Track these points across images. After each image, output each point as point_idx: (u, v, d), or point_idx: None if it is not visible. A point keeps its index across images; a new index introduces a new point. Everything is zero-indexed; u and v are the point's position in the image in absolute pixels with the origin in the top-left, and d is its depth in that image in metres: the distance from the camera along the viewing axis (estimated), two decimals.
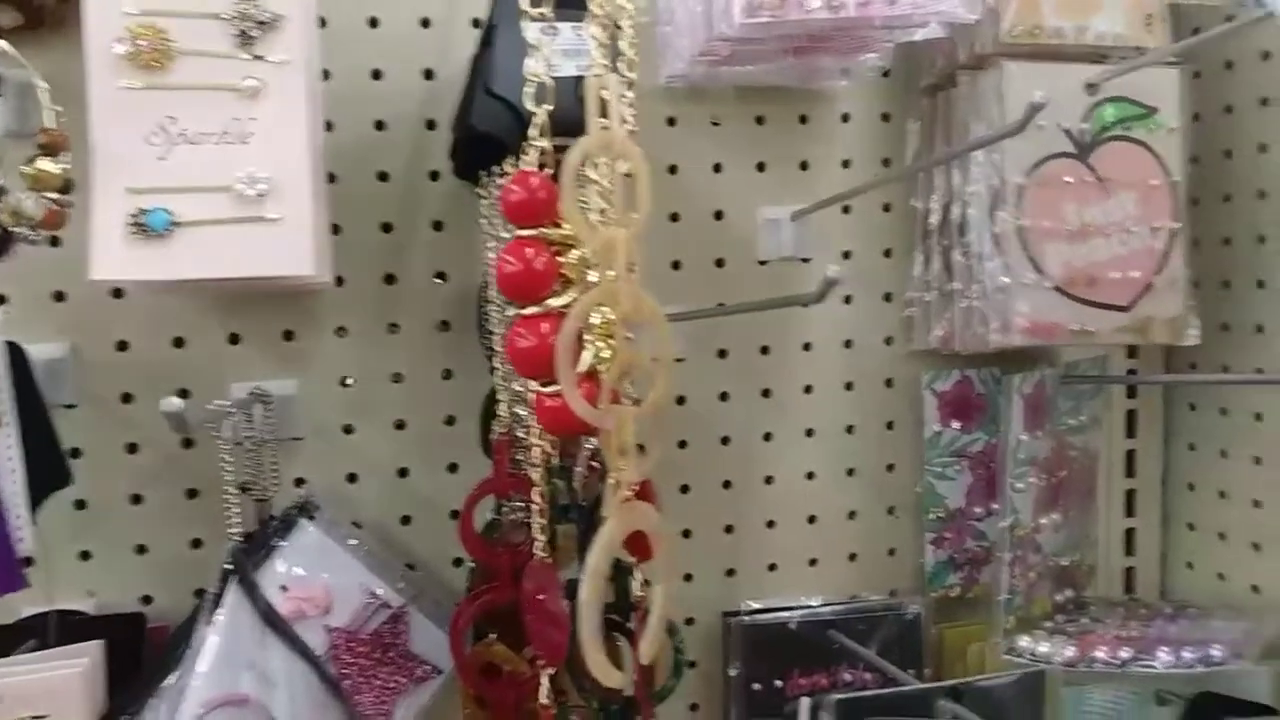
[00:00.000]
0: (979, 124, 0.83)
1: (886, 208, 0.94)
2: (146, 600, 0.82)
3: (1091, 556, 0.98)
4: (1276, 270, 0.87)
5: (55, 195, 0.61)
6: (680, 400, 0.91)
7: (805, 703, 0.81)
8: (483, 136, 0.66)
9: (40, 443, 0.67)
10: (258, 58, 0.62)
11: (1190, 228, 0.89)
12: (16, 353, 0.67)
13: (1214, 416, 0.95)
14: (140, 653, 0.77)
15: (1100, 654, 0.80)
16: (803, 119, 0.92)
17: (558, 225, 0.55)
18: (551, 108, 0.55)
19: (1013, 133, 0.61)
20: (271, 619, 0.67)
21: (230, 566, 0.66)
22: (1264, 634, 0.82)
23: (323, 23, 0.79)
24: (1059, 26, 0.81)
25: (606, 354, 0.56)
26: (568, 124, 0.57)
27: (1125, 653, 0.80)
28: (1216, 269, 0.93)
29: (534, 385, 0.56)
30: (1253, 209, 0.89)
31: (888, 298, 0.95)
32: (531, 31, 0.55)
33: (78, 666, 0.65)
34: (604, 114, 0.53)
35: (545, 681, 0.64)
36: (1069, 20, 0.82)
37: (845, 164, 0.93)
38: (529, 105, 0.55)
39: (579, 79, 0.58)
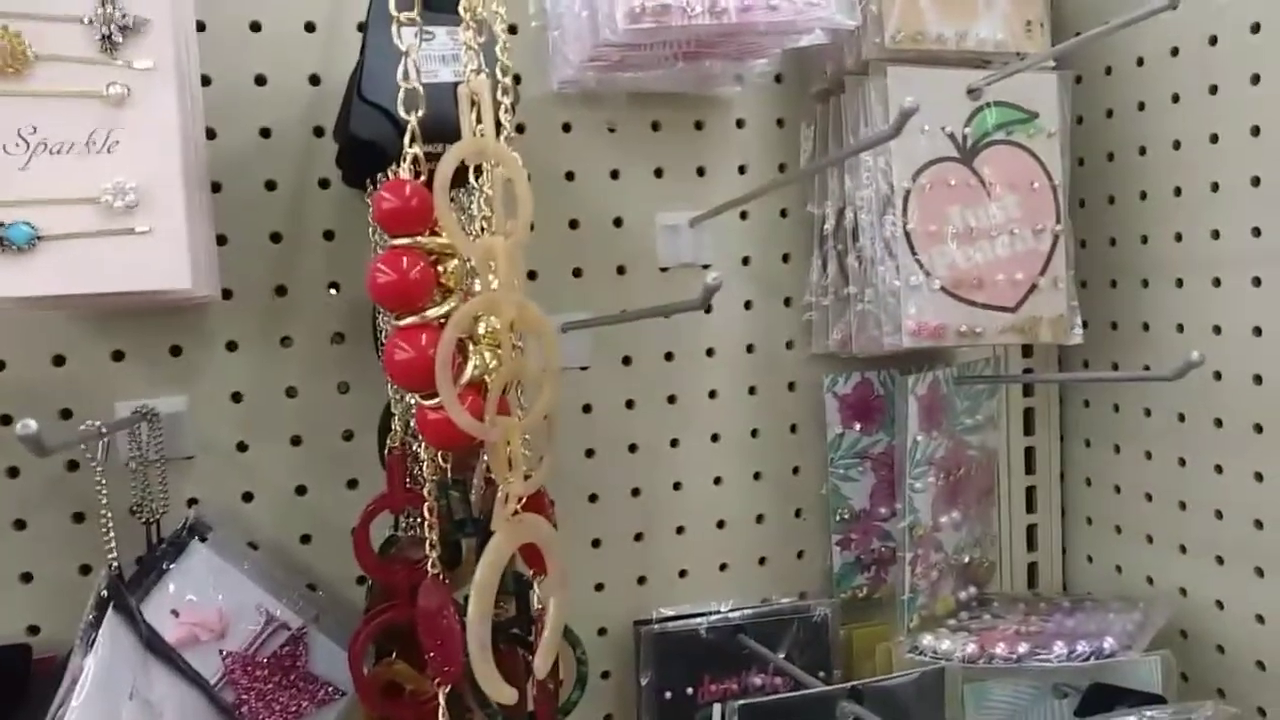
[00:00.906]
0: (866, 129, 0.84)
1: (783, 213, 0.95)
2: (33, 630, 0.78)
3: (993, 553, 0.99)
4: (1159, 269, 0.90)
5: None
6: (586, 408, 0.91)
7: (717, 709, 0.81)
8: (363, 144, 0.65)
9: None
10: (123, 63, 0.60)
11: (1077, 229, 0.92)
12: None
13: (1107, 412, 0.97)
14: (27, 685, 0.74)
15: (999, 650, 0.82)
16: (698, 125, 0.92)
17: (434, 234, 0.54)
18: (423, 114, 0.54)
19: (888, 137, 0.61)
20: (155, 645, 0.65)
21: (105, 593, 0.63)
22: (1155, 624, 0.84)
23: (201, 27, 0.77)
24: (940, 33, 0.83)
25: (493, 364, 0.55)
26: (446, 130, 0.56)
27: (1023, 647, 0.81)
28: (1104, 269, 0.96)
29: (416, 398, 0.55)
30: (1136, 209, 0.92)
31: (787, 302, 0.96)
32: (405, 36, 0.54)
33: None
34: (478, 119, 0.52)
35: (442, 701, 0.63)
36: (950, 26, 0.83)
37: (741, 169, 0.94)
38: (401, 112, 0.54)
39: (457, 84, 0.58)
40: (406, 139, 0.54)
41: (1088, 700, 0.80)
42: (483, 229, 0.59)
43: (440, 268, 0.54)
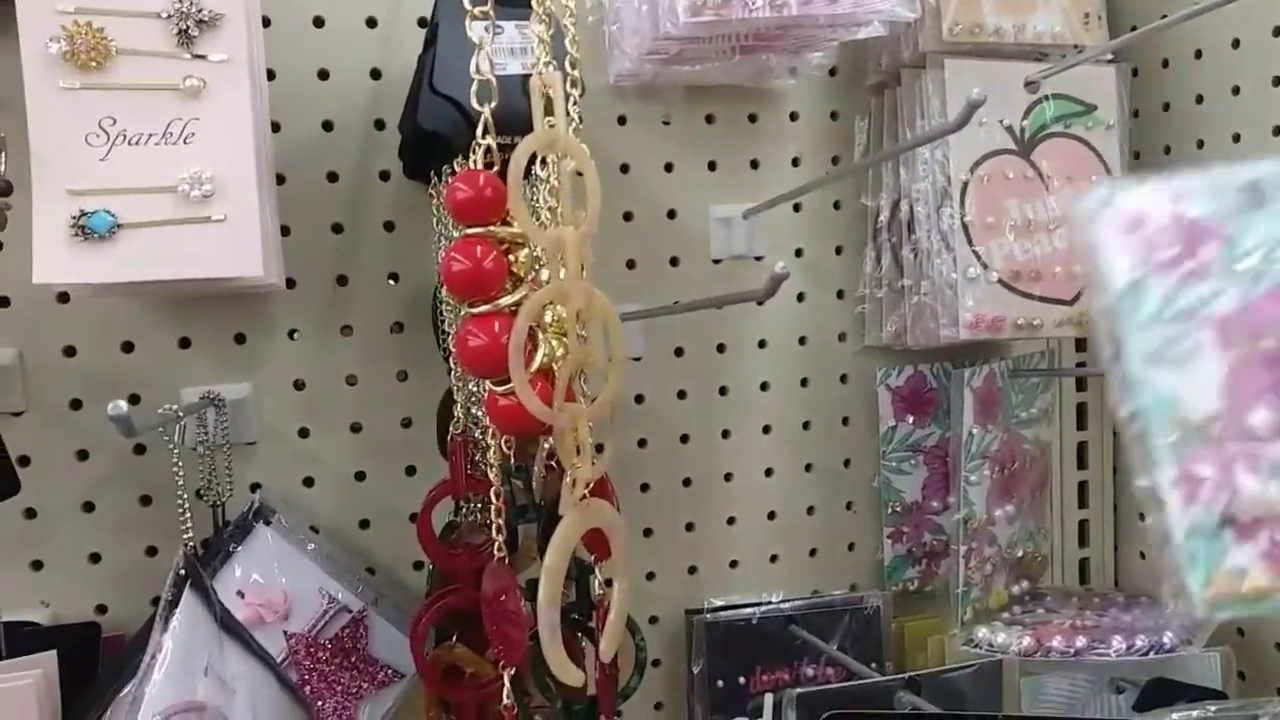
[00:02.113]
0: (922, 121, 0.84)
1: (836, 205, 0.95)
2: (101, 610, 0.81)
3: (1045, 547, 0.99)
4: None
5: None
6: (638, 399, 0.91)
7: (769, 698, 0.81)
8: (430, 135, 0.66)
9: None
10: (199, 57, 0.62)
11: None
12: None
13: None
14: (96, 663, 0.76)
15: (1056, 643, 0.81)
16: (752, 118, 0.93)
17: (506, 223, 0.55)
18: (495, 105, 0.55)
19: (952, 129, 0.61)
20: (228, 624, 0.66)
21: (183, 572, 0.65)
22: (1212, 620, 0.83)
23: (267, 22, 0.78)
24: (999, 25, 0.83)
25: (560, 352, 0.56)
26: (515, 122, 0.57)
27: (1080, 641, 0.81)
28: None
29: (487, 384, 0.56)
30: None
31: (840, 294, 0.96)
32: (475, 30, 0.55)
33: (29, 678, 0.64)
34: (549, 111, 0.53)
35: (507, 682, 0.64)
36: (1008, 19, 0.83)
37: (795, 162, 0.94)
38: (474, 104, 0.55)
39: (525, 77, 0.58)
40: (479, 130, 0.55)
41: (1147, 694, 0.79)
42: (548, 219, 0.60)
43: (510, 257, 0.55)
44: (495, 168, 0.55)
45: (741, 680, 0.89)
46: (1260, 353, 0.47)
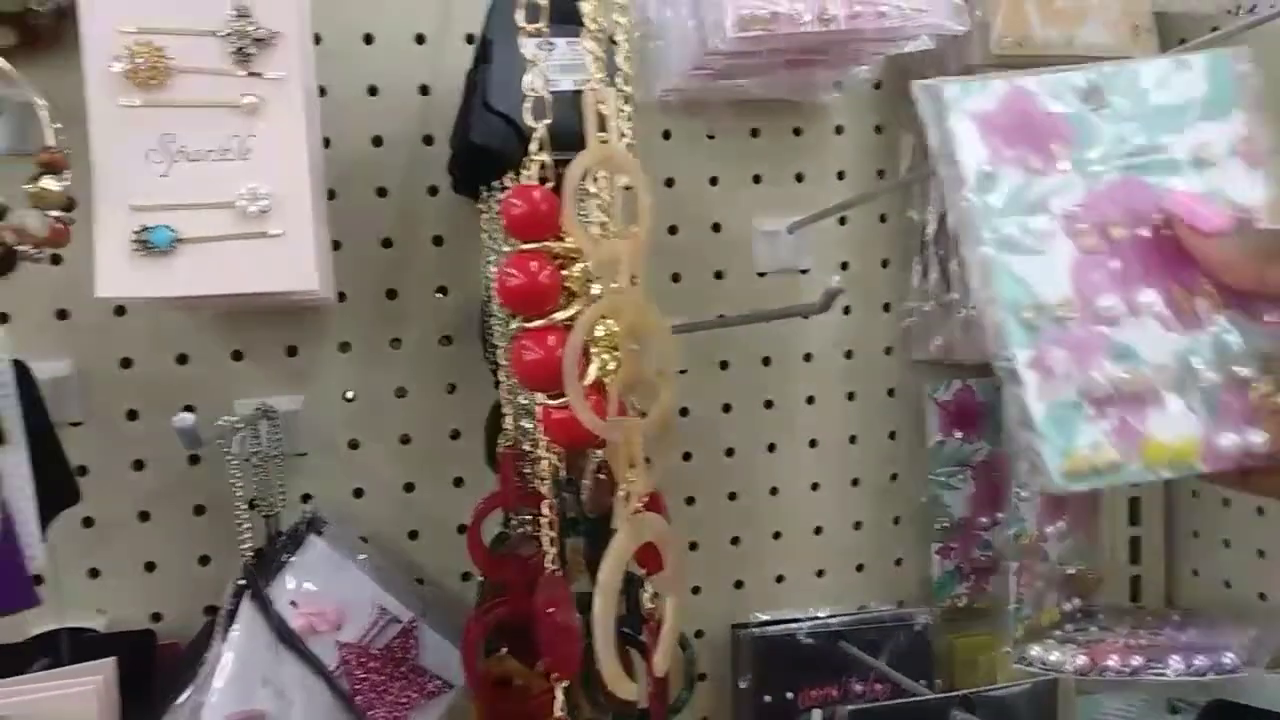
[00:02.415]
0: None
1: (882, 219, 0.95)
2: (156, 617, 0.82)
3: (1098, 564, 0.97)
4: None
5: (58, 213, 0.61)
6: (683, 412, 0.91)
7: (818, 714, 0.81)
8: (481, 150, 0.66)
9: (49, 460, 0.68)
10: (255, 74, 0.63)
11: None
12: (23, 371, 0.67)
13: None
14: (150, 670, 0.77)
15: (1111, 662, 0.80)
16: (797, 131, 0.93)
17: (559, 238, 0.55)
18: (550, 122, 0.55)
19: None
20: (285, 634, 0.67)
21: (243, 582, 0.66)
22: (1274, 641, 0.82)
23: (317, 39, 0.79)
24: (1047, 37, 0.82)
25: (612, 366, 0.56)
26: (566, 138, 0.57)
27: (1136, 660, 0.79)
28: None
29: (541, 398, 0.56)
30: None
31: (886, 308, 0.95)
32: (529, 47, 0.56)
33: (91, 685, 0.65)
34: (602, 128, 0.53)
35: (560, 694, 0.64)
36: (1056, 31, 0.82)
37: (840, 176, 0.94)
38: (528, 120, 0.55)
39: (576, 93, 0.59)
40: (533, 146, 0.55)
41: (1208, 716, 0.78)
42: (599, 234, 0.60)
43: (564, 271, 0.55)
44: (549, 183, 0.55)
45: (789, 696, 0.89)
46: (1106, 242, 0.51)
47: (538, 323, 0.54)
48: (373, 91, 0.84)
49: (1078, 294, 0.50)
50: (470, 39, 0.84)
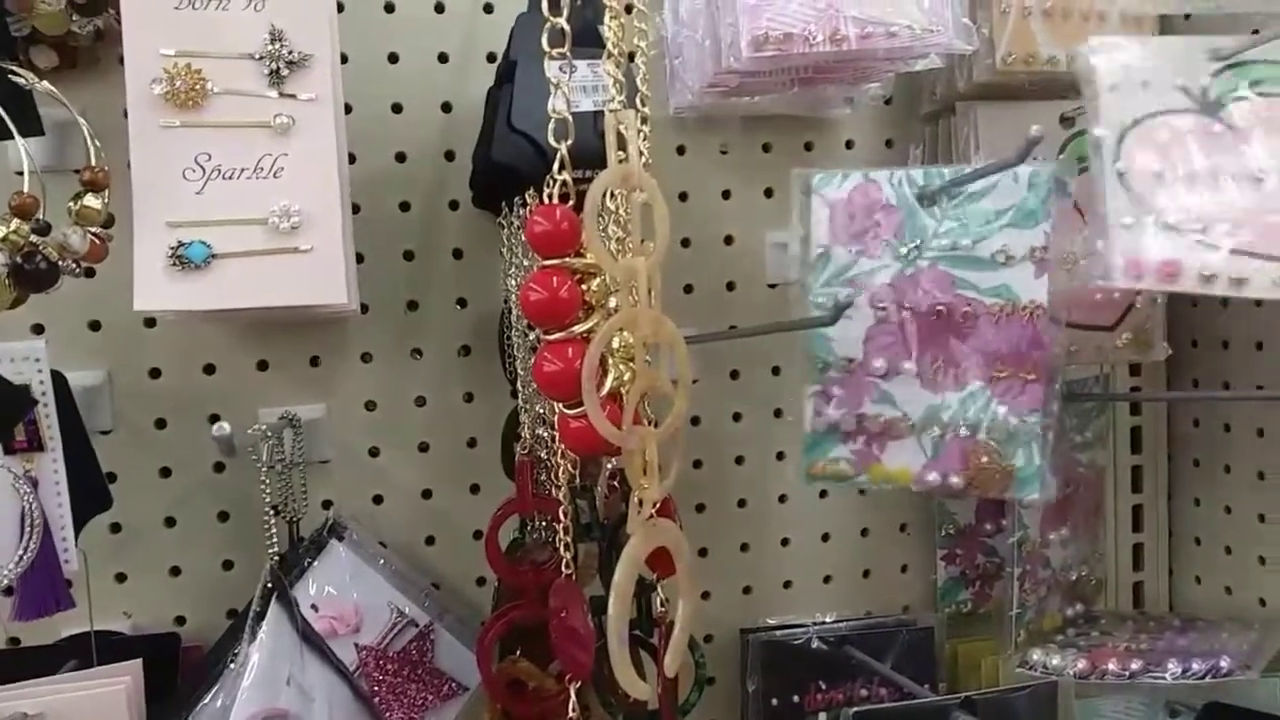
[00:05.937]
0: (976, 153, 0.86)
1: None
2: (180, 621, 0.84)
3: (1100, 571, 0.99)
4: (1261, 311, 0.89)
5: (98, 229, 0.64)
6: (694, 421, 0.93)
7: (823, 717, 0.83)
8: (503, 168, 0.69)
9: (83, 467, 0.70)
10: (288, 95, 0.65)
11: None
12: (59, 380, 0.70)
13: (1217, 432, 0.97)
14: (175, 672, 0.79)
15: (1111, 666, 0.82)
16: (808, 146, 0.95)
17: (579, 254, 0.57)
18: (571, 142, 0.58)
19: (1013, 163, 0.63)
20: (308, 636, 0.69)
21: (270, 585, 0.68)
22: (1273, 645, 0.83)
23: (344, 59, 0.81)
24: (1052, 55, 0.84)
25: (628, 376, 0.58)
26: (586, 157, 0.59)
27: (1135, 664, 0.81)
28: (1210, 299, 0.95)
29: (559, 407, 0.59)
30: None
31: None
32: (552, 69, 0.58)
33: (121, 685, 0.67)
34: (622, 148, 0.56)
35: (573, 696, 0.66)
36: (1062, 48, 0.84)
37: None
38: (551, 141, 0.57)
39: (596, 114, 0.61)
40: (555, 166, 0.58)
41: (1204, 719, 0.80)
42: (616, 250, 0.63)
43: (584, 286, 0.58)
44: (571, 201, 0.58)
45: (795, 699, 0.90)
46: (898, 316, 0.69)
47: (558, 335, 0.56)
48: (397, 109, 0.86)
49: (864, 353, 0.70)
50: (492, 58, 0.86)
